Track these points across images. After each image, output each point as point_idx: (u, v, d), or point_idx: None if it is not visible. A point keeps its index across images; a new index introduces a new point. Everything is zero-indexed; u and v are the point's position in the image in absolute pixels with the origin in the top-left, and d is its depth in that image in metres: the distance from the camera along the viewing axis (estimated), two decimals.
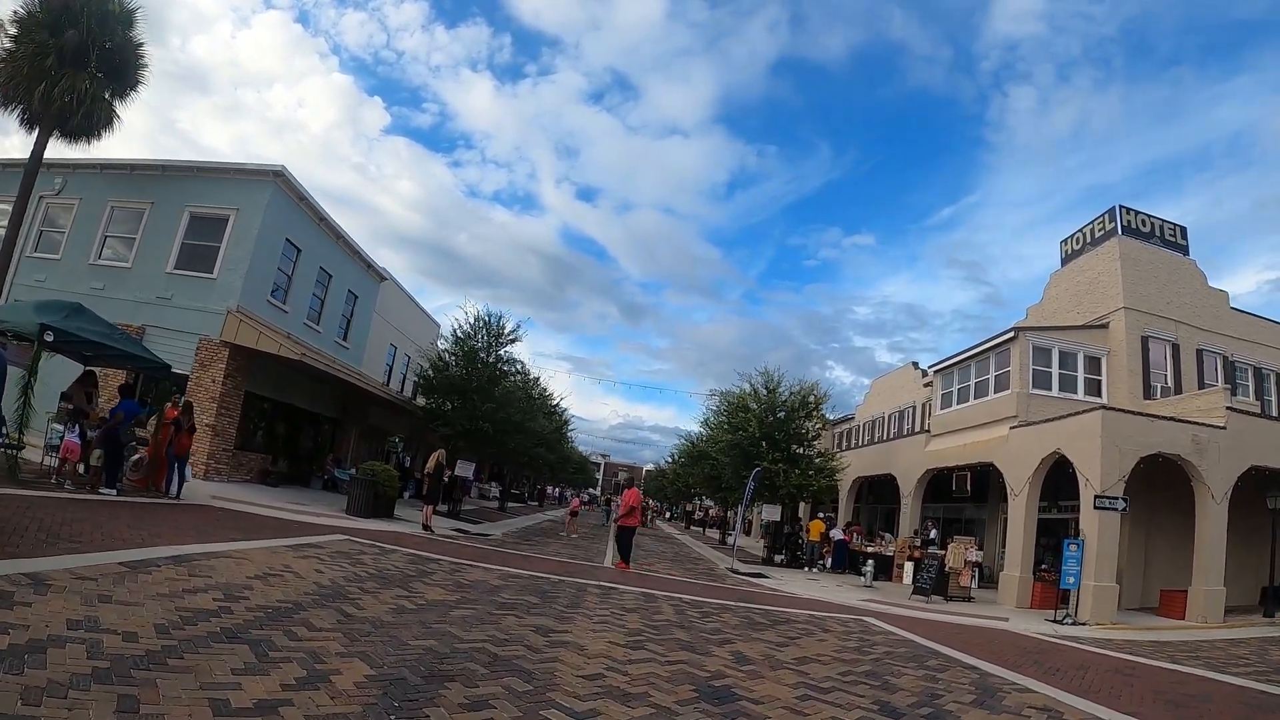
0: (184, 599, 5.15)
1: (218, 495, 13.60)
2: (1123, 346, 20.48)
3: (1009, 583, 16.42)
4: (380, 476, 14.91)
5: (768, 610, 10.11)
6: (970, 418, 20.06)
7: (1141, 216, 23.95)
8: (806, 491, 19.72)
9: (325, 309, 21.15)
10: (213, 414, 16.21)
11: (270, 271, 18.51)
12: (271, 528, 10.43)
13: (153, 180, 19.48)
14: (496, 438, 19.55)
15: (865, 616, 11.07)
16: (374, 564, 8.50)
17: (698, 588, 12.31)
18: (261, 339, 16.15)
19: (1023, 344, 19.03)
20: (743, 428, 19.79)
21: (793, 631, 8.28)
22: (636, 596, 9.48)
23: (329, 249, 21.09)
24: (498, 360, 20.84)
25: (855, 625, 9.77)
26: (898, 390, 32.60)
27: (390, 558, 9.32)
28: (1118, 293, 21.39)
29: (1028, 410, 18.31)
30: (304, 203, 19.51)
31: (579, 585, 9.73)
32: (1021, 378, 18.72)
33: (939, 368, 22.05)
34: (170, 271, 18.27)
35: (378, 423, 24.91)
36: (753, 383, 21.15)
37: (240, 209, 18.28)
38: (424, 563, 9.41)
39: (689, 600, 9.96)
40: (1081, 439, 15.58)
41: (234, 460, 17.12)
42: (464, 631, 5.61)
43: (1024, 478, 16.86)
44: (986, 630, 11.50)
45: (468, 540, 14.27)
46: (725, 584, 14.02)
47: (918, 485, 21.34)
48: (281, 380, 18.94)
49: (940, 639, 9.42)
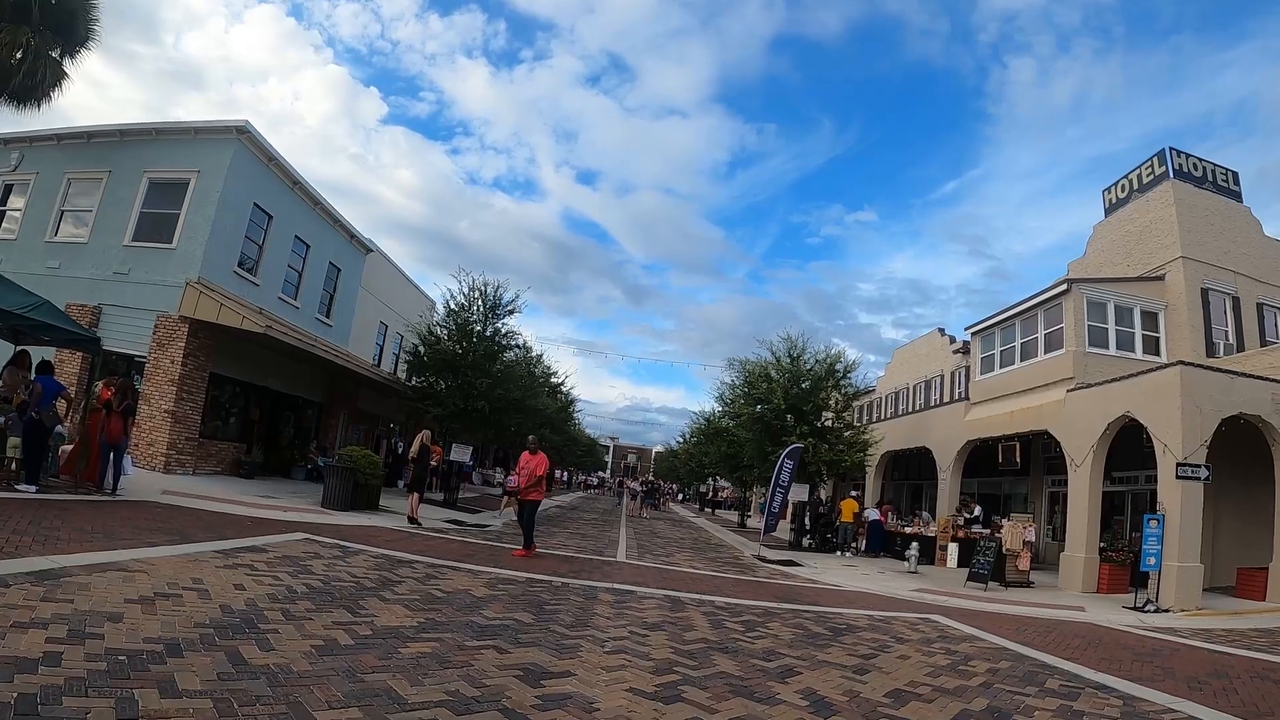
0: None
1: (171, 490, 11.82)
2: (1181, 300, 18.47)
3: (1072, 564, 14.56)
4: (360, 463, 13.12)
5: (820, 613, 8.28)
6: (1017, 382, 18.09)
7: (1193, 160, 21.88)
8: (839, 468, 17.85)
9: (304, 283, 19.26)
10: (172, 399, 14.42)
11: (237, 239, 16.64)
12: (217, 527, 8.64)
13: (111, 147, 17.63)
14: (494, 418, 17.71)
15: (931, 614, 9.25)
16: (325, 572, 6.69)
17: (728, 584, 10.50)
18: (223, 312, 14.31)
19: (1076, 298, 17.02)
20: (766, 399, 17.89)
21: (862, 645, 6.45)
22: (659, 603, 7.66)
23: (305, 216, 19.19)
24: (495, 333, 18.95)
25: (928, 629, 7.93)
26: (923, 359, 30.63)
27: (351, 562, 7.52)
28: (1174, 241, 19.34)
29: (1085, 371, 16.35)
30: (273, 163, 17.59)
31: (587, 590, 7.91)
32: (1077, 335, 16.73)
33: (978, 329, 20.05)
34: (128, 244, 16.46)
35: (368, 407, 23.12)
36: (774, 350, 19.22)
37: (201, 171, 16.42)
38: (394, 567, 7.60)
39: (723, 605, 8.13)
40: (1157, 400, 13.64)
41: (200, 450, 15.35)
42: (412, 685, 3.76)
43: (1087, 446, 14.95)
44: (1072, 625, 9.67)
45: (459, 534, 12.47)
46: (757, 576, 12.20)
47: (957, 458, 19.42)
48: (255, 361, 17.12)
49: (1033, 642, 7.62)
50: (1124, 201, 23.40)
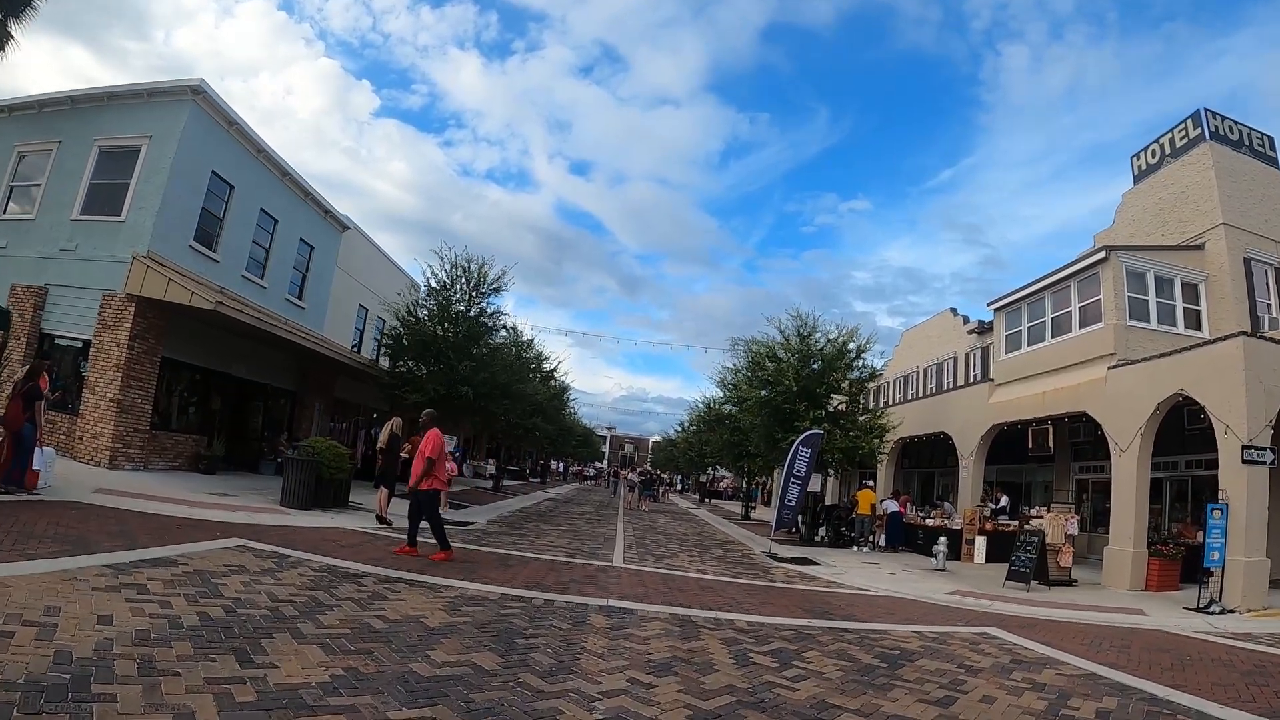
0: None
1: (108, 488, 10.33)
2: (1223, 270, 16.99)
3: (1118, 559, 13.15)
4: (324, 456, 11.63)
5: (861, 633, 6.83)
6: (1047, 360, 16.62)
7: (1229, 123, 20.39)
8: (856, 455, 16.40)
9: (271, 260, 17.68)
10: (117, 386, 12.90)
11: (192, 211, 15.06)
12: (135, 534, 7.16)
13: (61, 116, 16.04)
14: (478, 404, 16.20)
15: (986, 626, 7.81)
16: (239, 594, 5.21)
17: (745, 593, 9.04)
18: (171, 288, 12.77)
19: (1115, 266, 15.52)
20: (776, 382, 16.38)
21: (929, 682, 5.00)
22: (666, 627, 6.18)
23: (272, 188, 17.59)
24: (480, 314, 17.43)
25: (994, 650, 6.50)
26: (933, 341, 29.16)
27: (282, 578, 6.04)
28: (1213, 207, 17.85)
29: (1127, 346, 14.89)
30: (234, 129, 15.98)
31: (575, 612, 6.40)
32: (1117, 307, 15.25)
33: (1002, 304, 18.55)
34: (76, 219, 14.92)
35: (347, 395, 21.60)
36: (782, 328, 17.68)
37: (154, 136, 14.84)
38: (335, 584, 6.12)
39: (745, 626, 6.66)
40: (1216, 376, 12.19)
41: (153, 443, 13.84)
42: None
43: (1133, 429, 13.49)
44: (1144, 636, 8.26)
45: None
46: (774, 580, 10.72)
47: (980, 444, 17.97)
48: (216, 345, 15.59)
49: (1119, 663, 6.25)
50: (1155, 167, 21.88)
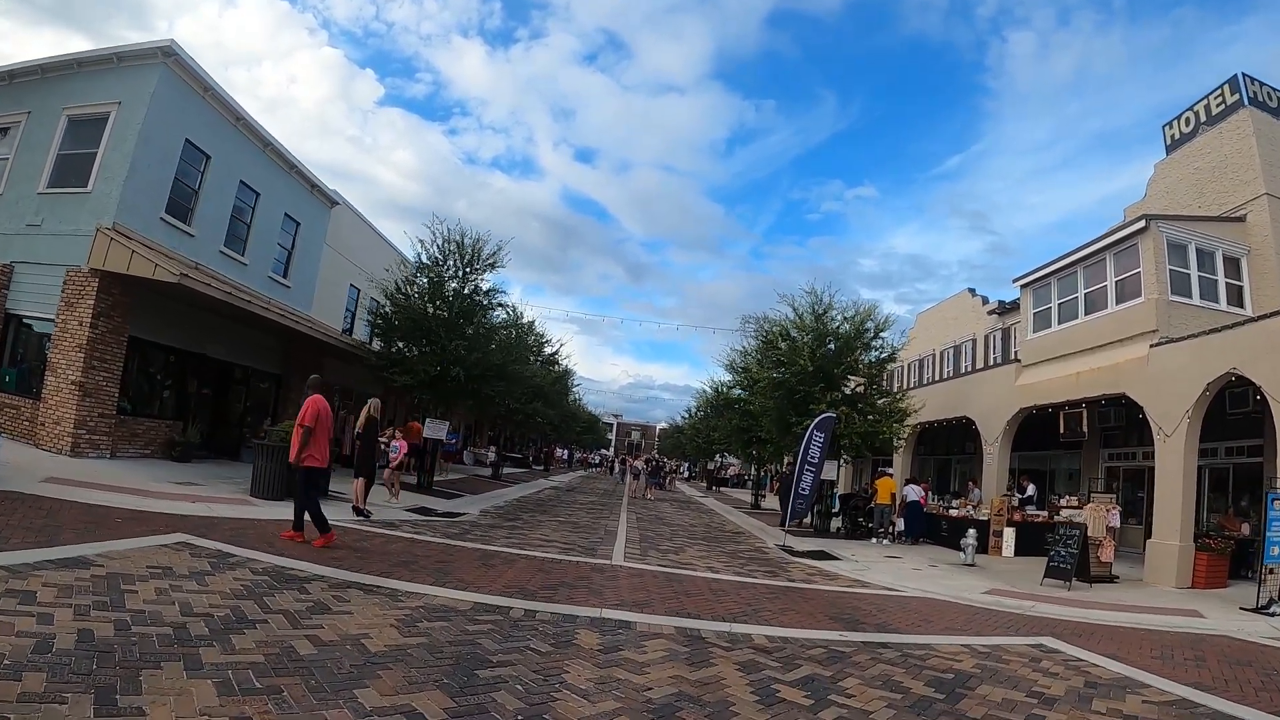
0: None
1: (59, 477, 9.40)
2: (1267, 243, 15.82)
3: (1162, 554, 12.10)
4: None
5: (902, 648, 5.81)
6: (1080, 339, 15.50)
7: (1268, 89, 19.15)
8: (875, 441, 15.34)
9: (253, 236, 16.66)
10: (80, 368, 11.95)
11: (163, 180, 14.05)
12: (59, 529, 6.20)
13: (31, 86, 15.04)
14: (470, 386, 15.19)
15: (1039, 636, 6.80)
16: (148, 605, 4.22)
17: (762, 596, 8.02)
18: (135, 261, 11.78)
19: (1155, 237, 14.36)
20: (790, 362, 15.29)
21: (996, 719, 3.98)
22: (671, 647, 5.16)
23: (253, 159, 16.55)
24: (474, 291, 16.38)
25: (1060, 669, 5.48)
26: (950, 323, 28.01)
27: (211, 583, 5.05)
28: (1255, 176, 16.65)
29: (1169, 323, 13.77)
30: (210, 94, 14.93)
31: (560, 627, 5.36)
32: (1158, 280, 14.11)
33: (1029, 280, 17.39)
34: (42, 192, 13.96)
35: (337, 379, 20.61)
36: (795, 306, 16.56)
37: (123, 102, 13.82)
38: (273, 590, 5.13)
39: (764, 642, 5.64)
40: (1272, 353, 11.09)
41: (121, 429, 12.91)
42: None
43: (1179, 412, 12.39)
44: (1213, 642, 7.23)
45: (414, 529, 10.01)
46: (793, 579, 9.69)
47: (1007, 429, 16.88)
48: (191, 324, 14.61)
49: (1204, 682, 5.28)
50: (1190, 136, 20.63)
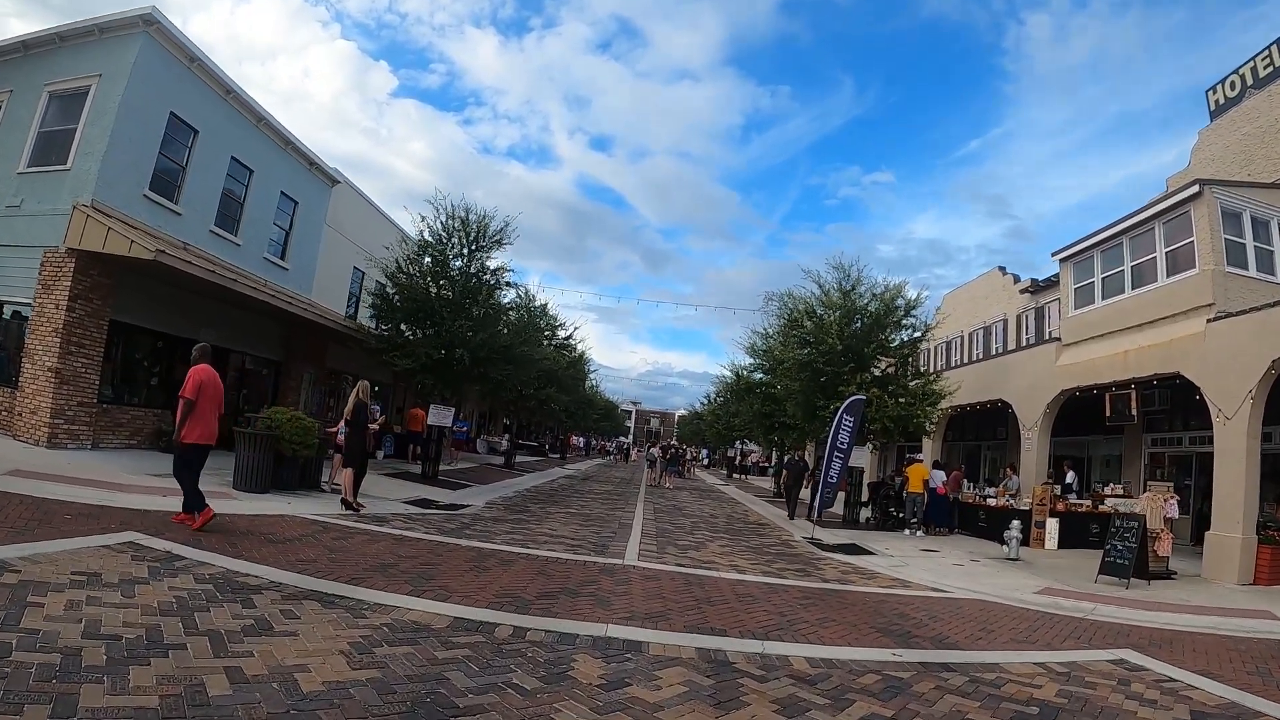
0: None
1: (26, 469, 8.71)
2: None
3: (1222, 547, 11.04)
4: (284, 430, 9.90)
5: (966, 670, 4.88)
6: (1128, 314, 14.36)
7: None
8: (910, 424, 14.33)
9: (246, 215, 15.88)
10: (56, 353, 11.24)
11: (147, 156, 13.28)
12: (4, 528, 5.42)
13: (14, 64, 14.32)
14: (475, 370, 14.34)
15: (1120, 649, 5.85)
16: (46, 623, 3.38)
17: (794, 603, 7.10)
18: (111, 238, 11.02)
19: (1209, 204, 13.17)
20: (819, 340, 14.28)
21: None
22: (689, 679, 4.22)
23: (245, 134, 15.73)
24: (481, 270, 15.50)
25: (1152, 691, 4.56)
26: (980, 302, 26.80)
27: (142, 593, 4.21)
28: None
29: (1226, 296, 12.62)
30: (196, 65, 14.11)
31: (554, 651, 4.43)
32: (1214, 249, 12.94)
33: (1070, 254, 16.22)
34: (22, 171, 13.25)
35: (340, 364, 19.91)
36: (821, 283, 15.53)
37: (104, 75, 13.06)
38: (212, 603, 4.28)
39: (805, 670, 4.71)
40: None
41: (104, 419, 12.22)
42: None
43: (1241, 392, 11.28)
44: None
45: (403, 525, 9.15)
46: (826, 579, 8.74)
47: (1046, 413, 15.79)
48: (179, 308, 13.85)
49: None
50: (1236, 100, 19.34)
